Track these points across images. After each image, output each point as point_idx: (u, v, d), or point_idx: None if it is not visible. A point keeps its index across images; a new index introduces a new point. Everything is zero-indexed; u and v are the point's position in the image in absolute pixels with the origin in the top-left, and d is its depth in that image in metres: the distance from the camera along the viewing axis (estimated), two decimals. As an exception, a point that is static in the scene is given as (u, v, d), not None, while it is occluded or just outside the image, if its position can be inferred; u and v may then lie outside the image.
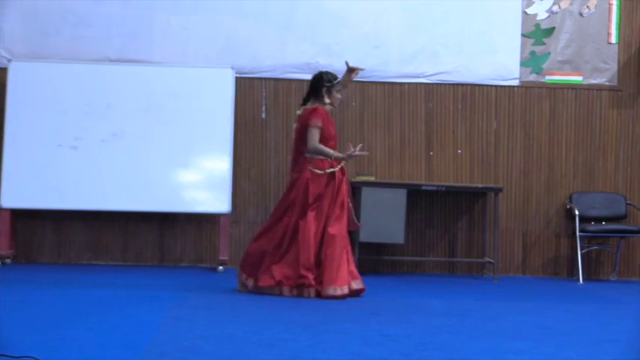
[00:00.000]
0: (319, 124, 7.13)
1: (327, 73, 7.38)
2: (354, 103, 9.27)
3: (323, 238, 7.06)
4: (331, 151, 7.15)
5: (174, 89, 8.93)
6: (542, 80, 9.42)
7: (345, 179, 7.27)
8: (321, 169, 7.13)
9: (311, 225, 7.02)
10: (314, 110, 7.18)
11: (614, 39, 9.43)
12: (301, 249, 6.99)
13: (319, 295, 6.97)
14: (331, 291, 6.94)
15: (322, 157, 7.16)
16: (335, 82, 7.23)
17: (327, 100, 7.24)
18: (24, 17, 9.05)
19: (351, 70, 7.31)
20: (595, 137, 9.47)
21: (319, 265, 7.04)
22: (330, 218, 7.08)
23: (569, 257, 9.38)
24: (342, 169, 7.24)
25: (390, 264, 9.33)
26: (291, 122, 8.85)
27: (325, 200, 7.09)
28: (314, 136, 7.12)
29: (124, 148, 8.82)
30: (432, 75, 9.34)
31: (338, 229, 7.07)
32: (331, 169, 7.15)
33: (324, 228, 7.06)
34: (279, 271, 7.04)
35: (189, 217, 9.14)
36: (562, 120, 9.45)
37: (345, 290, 7.00)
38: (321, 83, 7.25)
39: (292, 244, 7.08)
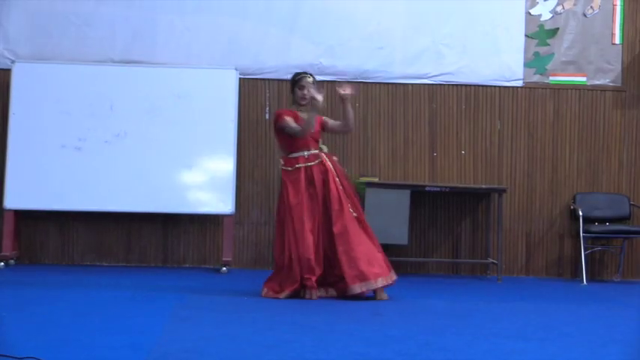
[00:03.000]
0: (282, 114, 7.15)
1: (297, 72, 7.39)
2: (357, 104, 9.26)
3: (324, 236, 7.03)
4: (308, 122, 7.08)
5: (178, 90, 8.94)
6: (546, 81, 9.42)
7: (332, 172, 7.11)
8: (290, 166, 7.11)
9: (304, 225, 6.98)
10: (277, 115, 7.25)
11: (617, 39, 9.42)
12: (300, 251, 6.98)
13: (335, 295, 7.01)
14: (357, 289, 6.94)
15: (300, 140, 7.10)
16: (296, 78, 7.21)
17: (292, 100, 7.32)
18: (28, 18, 9.07)
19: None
20: (599, 138, 9.46)
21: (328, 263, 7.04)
22: (332, 216, 7.04)
23: (573, 258, 9.37)
24: (322, 162, 7.13)
25: (393, 265, 9.24)
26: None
27: (313, 196, 7.03)
28: (288, 123, 7.08)
29: (127, 149, 8.83)
30: (435, 76, 9.33)
31: (341, 226, 7.03)
32: (303, 164, 7.09)
33: (323, 224, 7.04)
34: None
35: (192, 218, 9.15)
36: (566, 121, 9.44)
37: (375, 284, 6.98)
38: (290, 83, 7.34)
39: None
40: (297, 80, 7.21)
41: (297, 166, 7.09)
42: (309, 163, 7.10)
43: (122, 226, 9.17)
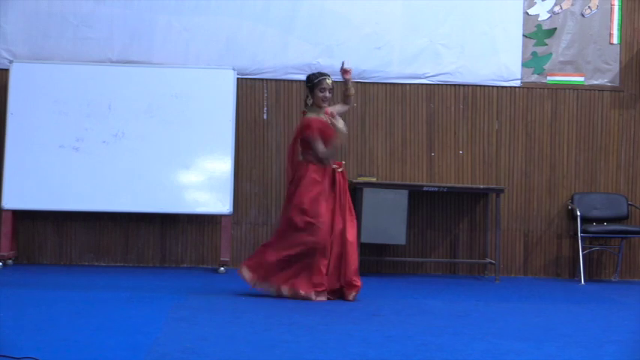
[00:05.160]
0: (316, 135, 7.02)
1: (312, 73, 7.35)
2: (355, 104, 9.25)
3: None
4: (327, 150, 7.09)
5: (176, 90, 8.93)
6: (544, 81, 9.42)
7: (347, 182, 7.23)
8: (321, 165, 7.10)
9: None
10: (307, 125, 7.11)
11: (615, 39, 9.42)
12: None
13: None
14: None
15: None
16: (315, 80, 7.15)
17: (308, 102, 7.21)
18: (26, 18, 9.05)
19: (343, 72, 7.23)
20: (596, 138, 9.46)
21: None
22: (347, 224, 7.06)
23: (571, 258, 9.37)
24: (342, 173, 7.19)
25: (391, 265, 9.33)
26: (293, 123, 8.87)
27: (334, 199, 7.04)
28: (317, 145, 7.04)
29: (125, 149, 8.82)
30: (433, 76, 9.33)
31: (352, 235, 7.07)
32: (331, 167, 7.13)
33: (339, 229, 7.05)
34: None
35: (190, 218, 9.14)
36: (564, 121, 9.44)
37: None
38: (308, 84, 7.24)
39: None
40: (317, 82, 7.14)
41: (326, 165, 7.10)
42: (339, 169, 7.13)
43: (120, 226, 9.16)
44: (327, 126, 7.09)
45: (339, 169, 7.15)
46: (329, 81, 7.14)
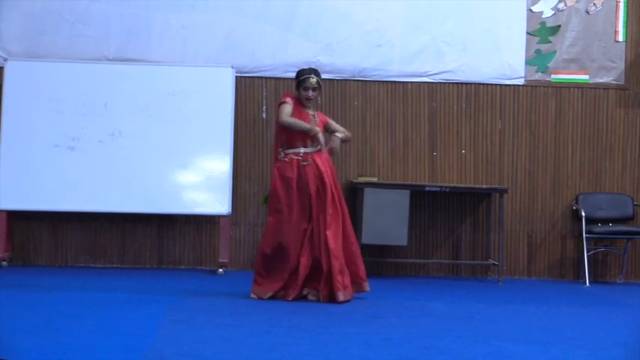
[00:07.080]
0: (286, 100, 7.06)
1: (302, 69, 7.35)
2: (356, 103, 9.20)
3: (315, 238, 6.96)
4: (304, 123, 7.00)
5: (174, 89, 8.88)
6: (548, 79, 9.34)
7: (327, 174, 7.03)
8: (286, 158, 7.05)
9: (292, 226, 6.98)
10: (282, 96, 7.24)
11: (621, 37, 9.35)
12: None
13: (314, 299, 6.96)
14: (342, 297, 6.89)
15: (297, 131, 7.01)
16: (300, 78, 7.15)
17: (297, 95, 7.21)
18: (21, 16, 9.00)
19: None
20: (602, 137, 9.38)
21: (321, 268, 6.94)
22: (327, 219, 6.94)
23: (576, 259, 9.30)
24: (316, 164, 7.03)
25: (393, 266, 9.25)
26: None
27: (305, 195, 6.96)
28: (282, 110, 7.03)
29: (121, 148, 8.75)
30: (435, 74, 9.25)
31: (335, 230, 6.95)
32: (296, 160, 7.03)
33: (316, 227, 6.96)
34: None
35: (188, 218, 9.07)
36: (568, 119, 9.37)
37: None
38: (295, 80, 7.27)
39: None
40: (301, 81, 7.14)
41: (292, 157, 7.04)
42: (303, 163, 7.02)
43: (116, 227, 9.09)
44: (298, 109, 7.09)
45: (305, 163, 7.03)
46: (312, 80, 7.12)
